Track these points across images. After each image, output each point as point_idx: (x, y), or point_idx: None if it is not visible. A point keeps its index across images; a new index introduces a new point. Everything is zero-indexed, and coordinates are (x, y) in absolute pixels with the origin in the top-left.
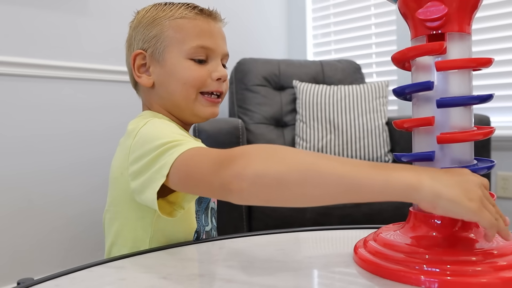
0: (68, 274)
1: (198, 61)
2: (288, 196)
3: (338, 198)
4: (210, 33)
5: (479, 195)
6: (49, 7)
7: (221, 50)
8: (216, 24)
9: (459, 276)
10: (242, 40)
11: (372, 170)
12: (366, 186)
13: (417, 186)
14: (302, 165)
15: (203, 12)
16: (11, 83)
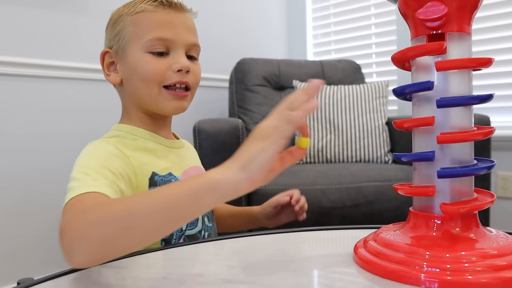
0: (68, 274)
1: (157, 53)
2: (119, 249)
3: (164, 229)
4: (169, 24)
5: (270, 125)
6: (50, 7)
7: (183, 40)
8: (179, 15)
9: (459, 275)
10: (242, 40)
11: (180, 187)
12: (179, 205)
13: (217, 178)
14: (118, 219)
15: (163, 4)
16: (12, 83)
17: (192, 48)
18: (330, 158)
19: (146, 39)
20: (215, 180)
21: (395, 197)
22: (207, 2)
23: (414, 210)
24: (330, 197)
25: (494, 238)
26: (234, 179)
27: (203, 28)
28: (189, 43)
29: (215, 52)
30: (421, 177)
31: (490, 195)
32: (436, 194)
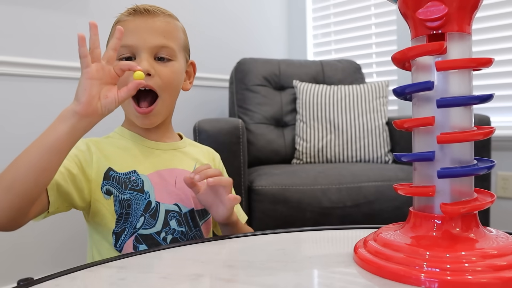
0: (68, 273)
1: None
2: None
3: (43, 162)
4: (133, 30)
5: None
6: (50, 7)
7: (146, 44)
8: (147, 20)
9: (459, 275)
10: (242, 40)
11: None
12: (41, 141)
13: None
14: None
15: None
16: (14, 83)
17: (161, 50)
18: (330, 158)
19: None
20: (61, 113)
21: (395, 197)
22: (208, 2)
23: (414, 210)
24: (330, 197)
25: (494, 238)
26: (71, 106)
27: (204, 28)
28: (152, 45)
29: (215, 52)
30: (421, 177)
31: (490, 195)
32: (436, 194)
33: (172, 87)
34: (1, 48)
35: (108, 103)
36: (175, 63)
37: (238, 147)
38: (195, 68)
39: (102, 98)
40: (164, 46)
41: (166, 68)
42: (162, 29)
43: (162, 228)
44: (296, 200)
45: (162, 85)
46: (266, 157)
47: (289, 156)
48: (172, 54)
